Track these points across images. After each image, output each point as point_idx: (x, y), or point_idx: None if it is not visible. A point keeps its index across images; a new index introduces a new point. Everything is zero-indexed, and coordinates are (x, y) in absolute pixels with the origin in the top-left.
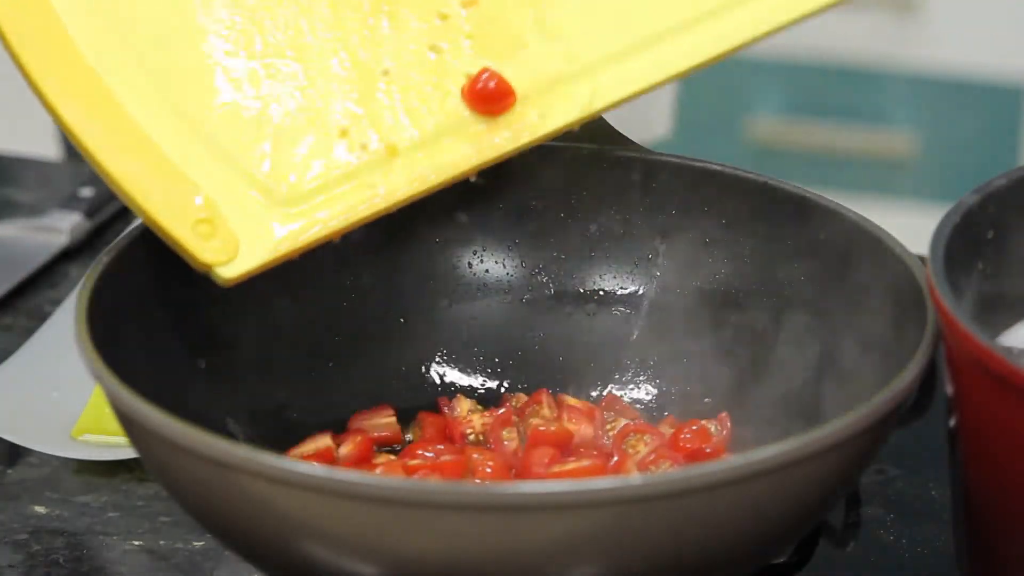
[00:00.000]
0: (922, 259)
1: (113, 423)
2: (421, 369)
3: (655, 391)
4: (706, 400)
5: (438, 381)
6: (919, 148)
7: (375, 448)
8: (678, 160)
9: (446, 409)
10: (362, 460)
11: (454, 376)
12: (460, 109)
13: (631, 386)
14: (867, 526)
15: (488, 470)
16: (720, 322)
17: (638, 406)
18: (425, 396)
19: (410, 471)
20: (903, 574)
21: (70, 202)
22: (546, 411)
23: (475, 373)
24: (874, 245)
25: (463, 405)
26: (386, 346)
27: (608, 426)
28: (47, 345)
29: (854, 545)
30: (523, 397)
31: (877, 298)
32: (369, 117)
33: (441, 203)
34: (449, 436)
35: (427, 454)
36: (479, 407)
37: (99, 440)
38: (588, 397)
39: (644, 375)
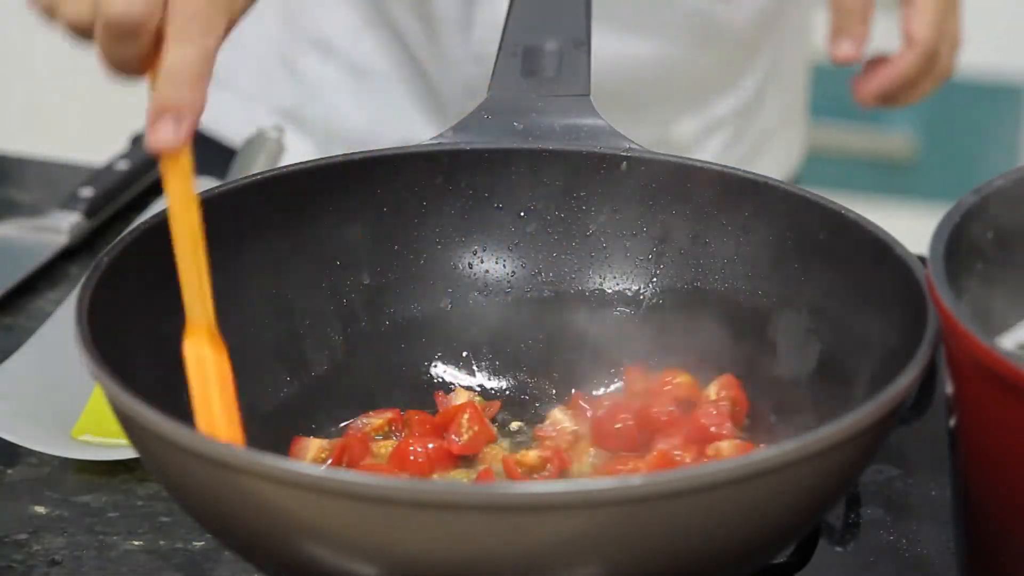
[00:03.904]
0: (922, 259)
1: (113, 423)
2: (421, 369)
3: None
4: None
5: (438, 381)
6: (919, 148)
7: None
8: (678, 160)
9: (443, 400)
10: (359, 461)
11: (454, 376)
12: None
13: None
14: (867, 526)
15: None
16: (720, 322)
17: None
18: (425, 396)
19: (401, 469)
20: (903, 574)
21: (70, 202)
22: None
23: (475, 373)
24: (874, 245)
25: (461, 397)
26: (386, 346)
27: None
28: (47, 345)
29: (854, 545)
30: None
31: (877, 298)
32: None
33: (442, 204)
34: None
35: (418, 449)
36: (478, 396)
37: (99, 440)
38: (588, 397)
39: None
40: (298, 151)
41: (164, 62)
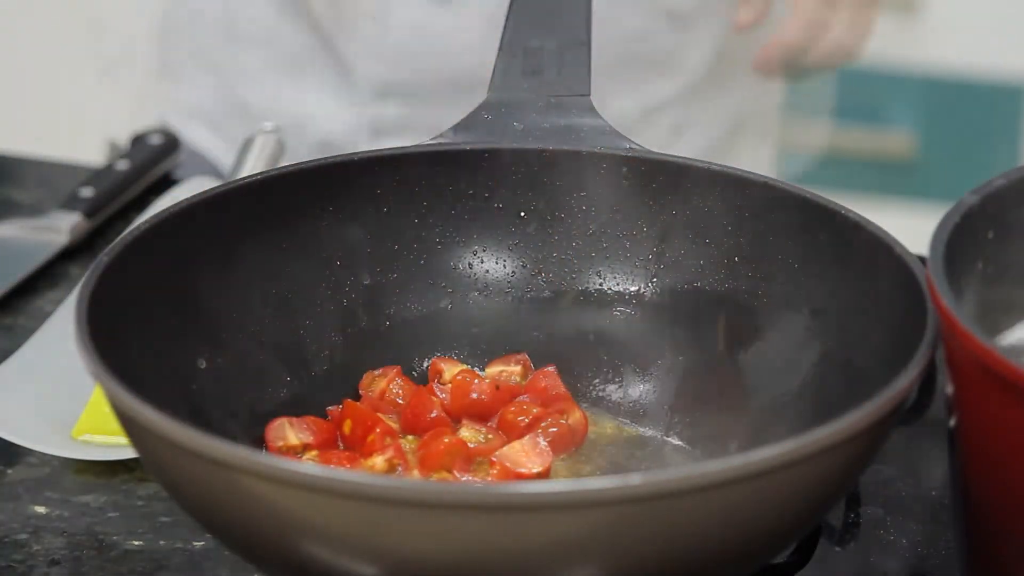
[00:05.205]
0: (922, 259)
1: (113, 423)
2: (421, 369)
3: (654, 391)
4: (706, 399)
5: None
6: (919, 148)
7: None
8: (678, 160)
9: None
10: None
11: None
12: None
13: (630, 386)
14: (867, 526)
15: None
16: (720, 322)
17: (637, 405)
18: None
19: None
20: (903, 574)
21: (70, 202)
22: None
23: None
24: (874, 245)
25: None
26: (386, 347)
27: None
28: (47, 345)
29: (854, 545)
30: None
31: (877, 298)
32: None
33: (442, 204)
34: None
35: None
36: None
37: (99, 440)
38: (587, 396)
39: (643, 375)
40: (220, 147)
41: None
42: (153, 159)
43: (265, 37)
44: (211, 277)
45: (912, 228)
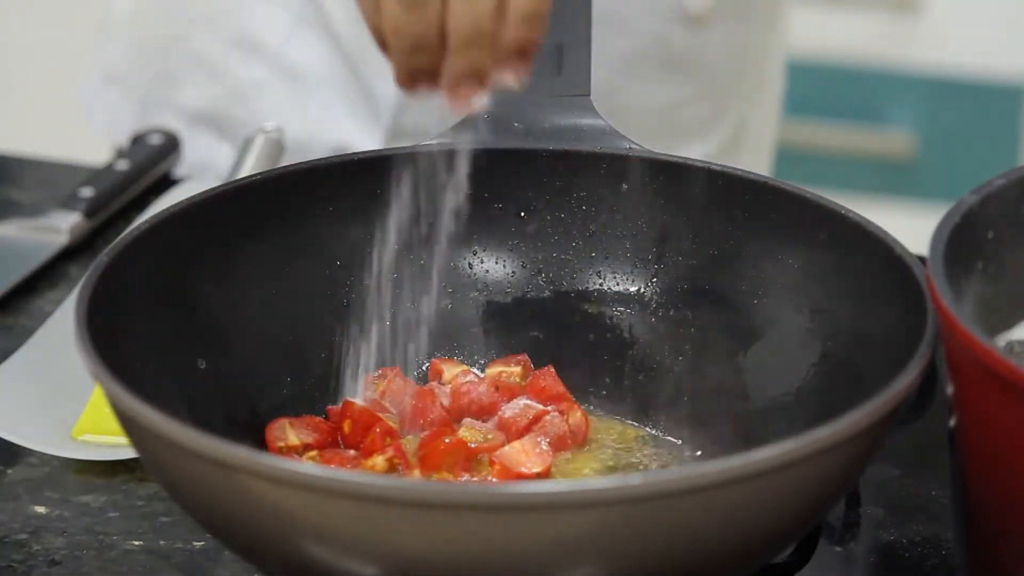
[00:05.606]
0: (922, 259)
1: (113, 423)
2: (421, 369)
3: (655, 391)
4: (706, 399)
5: None
6: (919, 148)
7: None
8: (678, 160)
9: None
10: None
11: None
12: None
13: (630, 385)
14: (867, 526)
15: None
16: (720, 322)
17: (637, 405)
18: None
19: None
20: (903, 574)
21: (70, 202)
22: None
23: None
24: (874, 245)
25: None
26: (387, 346)
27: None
28: (47, 345)
29: (854, 545)
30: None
31: (877, 298)
32: None
33: (442, 204)
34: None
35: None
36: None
37: (99, 440)
38: (587, 396)
39: (643, 375)
40: (224, 152)
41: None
42: (153, 159)
43: (278, 46)
44: (211, 277)
45: (912, 228)
